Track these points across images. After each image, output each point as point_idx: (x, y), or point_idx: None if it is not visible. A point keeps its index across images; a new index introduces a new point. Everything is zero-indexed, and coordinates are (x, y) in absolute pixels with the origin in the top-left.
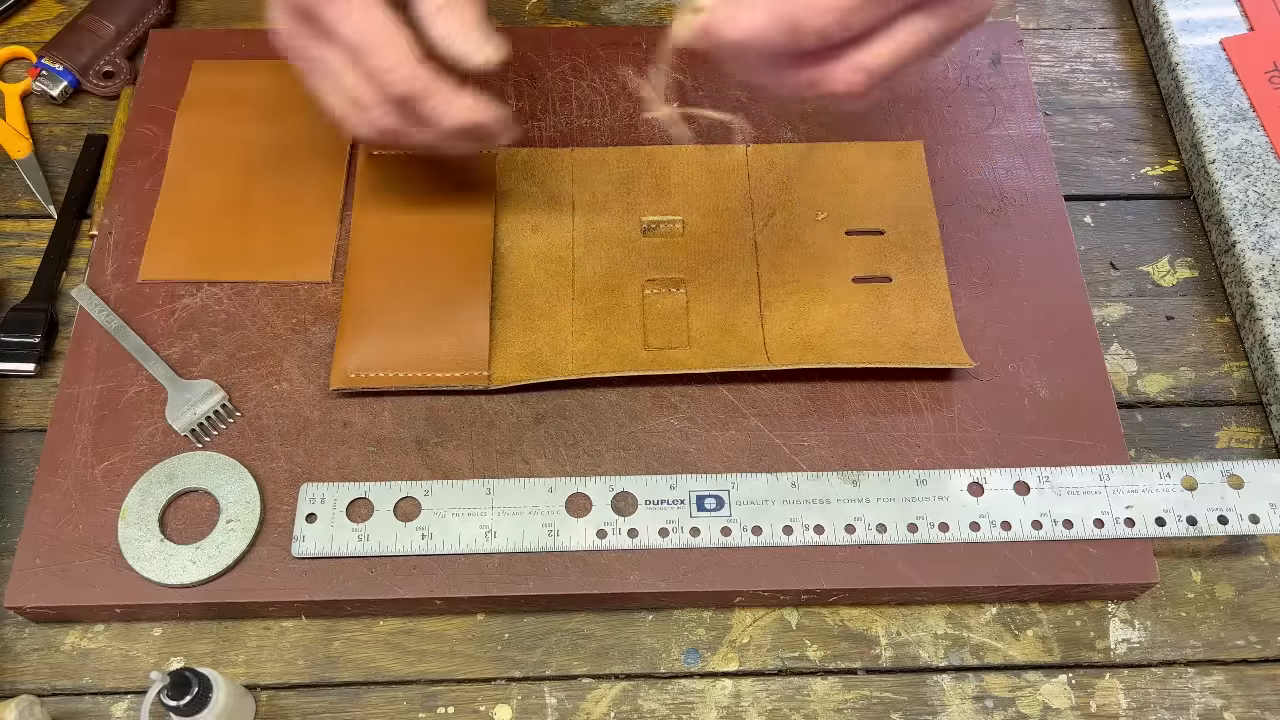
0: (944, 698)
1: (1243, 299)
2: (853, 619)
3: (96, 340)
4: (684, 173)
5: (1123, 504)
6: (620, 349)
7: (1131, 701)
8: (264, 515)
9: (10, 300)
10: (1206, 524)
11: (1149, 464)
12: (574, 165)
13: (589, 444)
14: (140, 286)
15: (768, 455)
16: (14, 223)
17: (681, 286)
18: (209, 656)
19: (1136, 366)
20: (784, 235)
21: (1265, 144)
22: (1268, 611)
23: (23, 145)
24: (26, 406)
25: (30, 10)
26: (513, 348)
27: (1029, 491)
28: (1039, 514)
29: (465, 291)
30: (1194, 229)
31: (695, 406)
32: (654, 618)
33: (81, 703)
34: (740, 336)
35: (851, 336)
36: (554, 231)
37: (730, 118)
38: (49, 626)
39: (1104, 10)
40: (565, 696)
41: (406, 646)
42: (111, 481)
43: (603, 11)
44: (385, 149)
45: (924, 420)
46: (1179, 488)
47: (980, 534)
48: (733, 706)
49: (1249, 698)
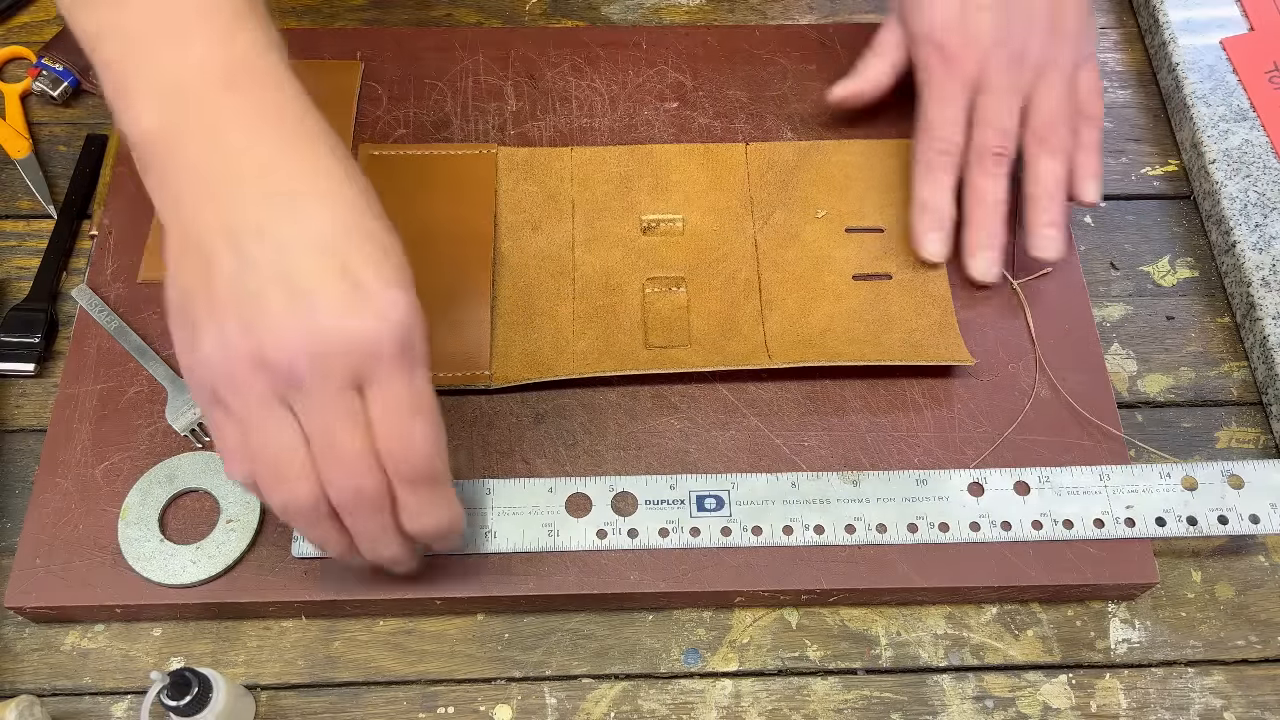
0: (944, 698)
1: (1243, 299)
2: (853, 619)
3: (96, 340)
4: (684, 171)
5: (1123, 504)
6: (621, 348)
7: (1132, 702)
8: (264, 515)
9: (10, 300)
10: (1207, 524)
11: (1149, 464)
12: (574, 165)
13: (589, 444)
14: (140, 286)
15: (768, 455)
16: (14, 223)
17: (682, 285)
18: (209, 656)
19: (1137, 366)
20: (784, 233)
21: (1265, 144)
22: (1268, 611)
23: (22, 145)
24: (26, 406)
25: (30, 10)
26: (513, 347)
27: (1029, 491)
28: (1039, 514)
29: (465, 291)
30: (1194, 229)
31: (695, 406)
32: (654, 618)
33: (81, 703)
34: (741, 335)
35: (852, 334)
36: (554, 231)
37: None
38: (49, 626)
39: (1104, 10)
40: (565, 696)
41: (406, 646)
42: (111, 481)
43: (603, 11)
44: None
45: (924, 420)
46: (1179, 488)
47: (980, 534)
48: (733, 707)
49: (1249, 698)
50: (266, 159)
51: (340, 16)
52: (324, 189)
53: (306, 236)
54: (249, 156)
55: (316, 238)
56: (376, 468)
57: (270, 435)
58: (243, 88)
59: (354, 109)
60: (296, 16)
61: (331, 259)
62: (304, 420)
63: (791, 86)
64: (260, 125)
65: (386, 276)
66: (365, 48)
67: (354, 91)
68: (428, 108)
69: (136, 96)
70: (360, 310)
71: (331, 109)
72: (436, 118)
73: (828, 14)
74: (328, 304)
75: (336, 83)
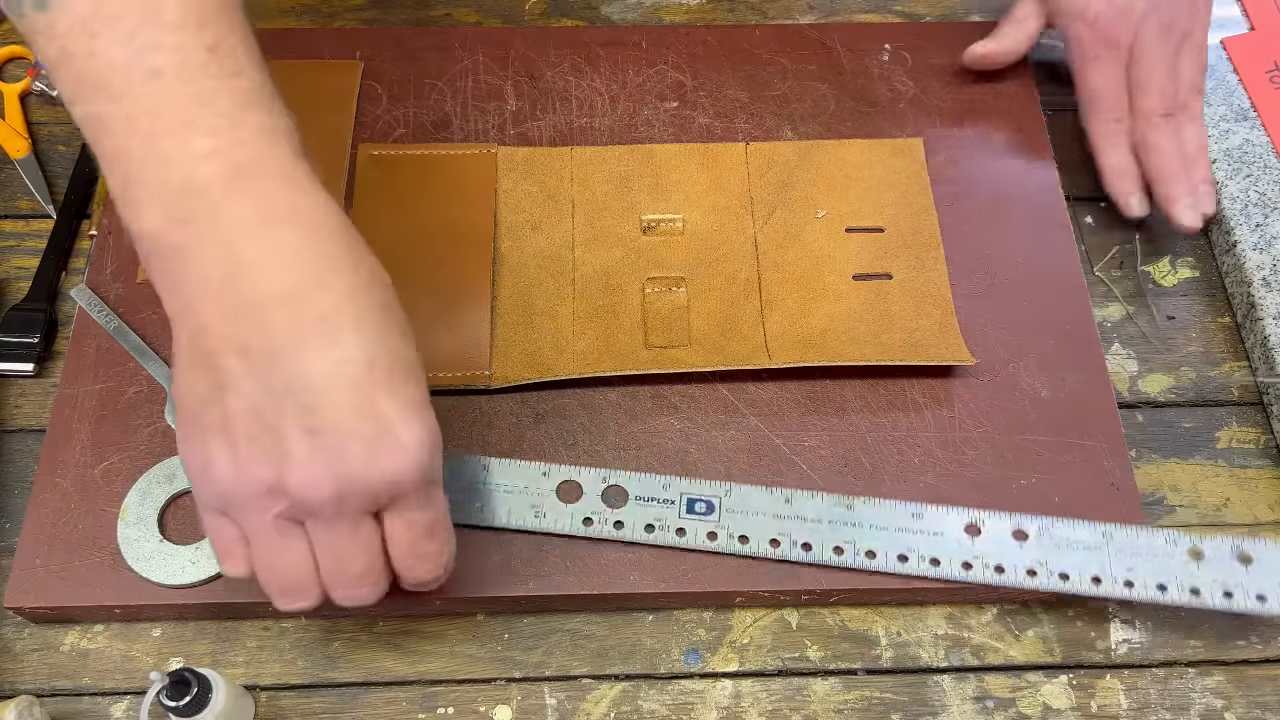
0: (944, 698)
1: (1244, 299)
2: (853, 619)
3: (96, 340)
4: (683, 171)
5: (1124, 565)
6: (621, 348)
7: (1132, 702)
8: None
9: (9, 300)
10: (1210, 596)
11: (1156, 528)
12: (574, 164)
13: (589, 444)
14: (140, 286)
15: (767, 455)
16: (13, 223)
17: (682, 285)
18: (208, 657)
19: (1137, 366)
20: (784, 233)
21: (1266, 144)
22: None
23: (22, 145)
24: (26, 407)
25: None
26: (513, 347)
27: (1027, 539)
28: (1035, 562)
29: (465, 291)
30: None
31: (695, 406)
32: (654, 618)
33: (81, 703)
34: (741, 335)
35: (853, 334)
36: (554, 231)
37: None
38: (48, 627)
39: None
40: (565, 697)
41: (406, 646)
42: (111, 482)
43: (603, 11)
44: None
45: (924, 420)
46: (1184, 555)
47: (972, 573)
48: (733, 707)
49: (1250, 698)
50: (281, 274)
51: (340, 16)
52: (346, 309)
53: (329, 368)
54: (264, 272)
55: (338, 370)
56: (384, 580)
57: (278, 553)
58: (250, 189)
59: (354, 109)
60: (296, 16)
61: (356, 395)
62: (315, 540)
63: (791, 86)
64: (274, 232)
65: (410, 406)
66: (365, 47)
67: (353, 91)
68: (427, 107)
69: (140, 193)
70: (388, 451)
71: (331, 109)
72: (436, 117)
73: (828, 14)
74: (355, 447)
75: (336, 82)
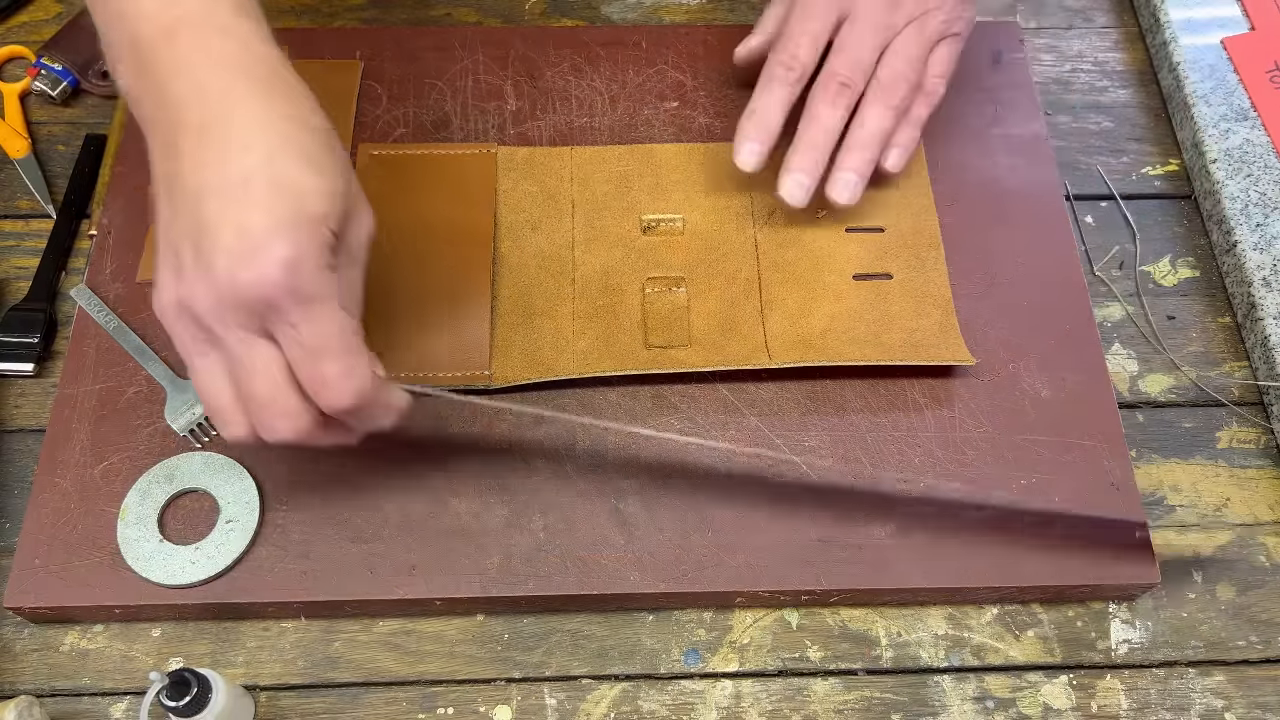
0: (945, 698)
1: (1244, 299)
2: (853, 619)
3: (95, 340)
4: (683, 171)
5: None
6: (621, 348)
7: (1132, 702)
8: (263, 515)
9: (9, 300)
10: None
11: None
12: (574, 164)
13: (589, 444)
14: (139, 286)
15: (767, 455)
16: (13, 222)
17: (682, 285)
18: (208, 657)
19: (1137, 366)
20: (784, 233)
21: (1266, 144)
22: (1269, 612)
23: (21, 145)
24: (25, 406)
25: (30, 10)
26: (513, 347)
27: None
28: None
29: (465, 291)
30: (1195, 229)
31: (695, 406)
32: (654, 618)
33: (80, 703)
34: (741, 334)
35: (853, 334)
36: (554, 230)
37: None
38: (48, 627)
39: (1105, 10)
40: (565, 697)
41: (406, 647)
42: (111, 482)
43: (603, 11)
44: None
45: (924, 420)
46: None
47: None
48: (733, 707)
49: (1250, 698)
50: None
51: (339, 16)
52: (241, 133)
53: (214, 186)
54: (179, 109)
55: (220, 188)
56: (299, 414)
57: (201, 380)
58: (183, 39)
59: (353, 108)
60: (296, 16)
61: (232, 211)
62: (226, 363)
63: None
64: (197, 73)
65: (281, 222)
66: (365, 47)
67: (353, 91)
68: (427, 107)
69: (110, 51)
70: (249, 264)
71: (331, 108)
72: (436, 117)
73: None
74: (221, 260)
75: (336, 82)
